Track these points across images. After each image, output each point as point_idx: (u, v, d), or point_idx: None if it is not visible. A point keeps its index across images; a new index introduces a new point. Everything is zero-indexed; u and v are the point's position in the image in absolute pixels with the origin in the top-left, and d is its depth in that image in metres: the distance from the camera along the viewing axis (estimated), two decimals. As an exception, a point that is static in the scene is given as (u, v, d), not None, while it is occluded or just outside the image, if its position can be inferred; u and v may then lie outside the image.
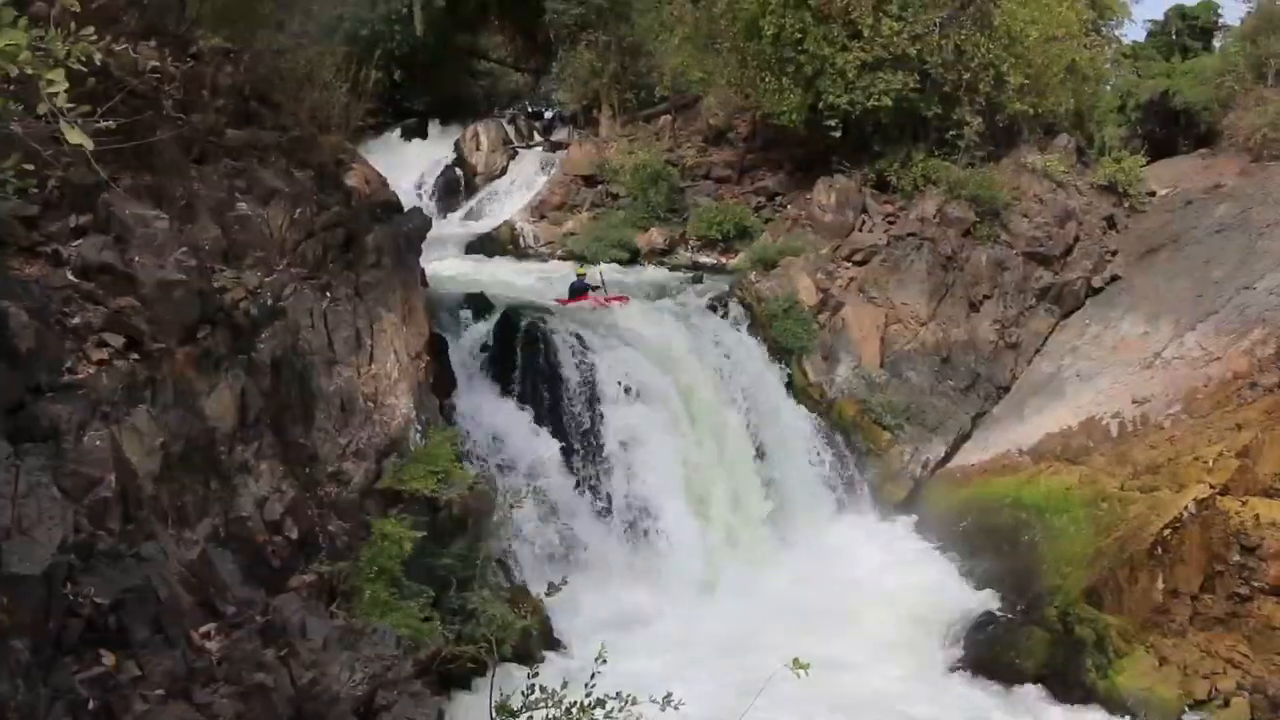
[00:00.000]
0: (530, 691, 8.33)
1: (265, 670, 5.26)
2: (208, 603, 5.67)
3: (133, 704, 4.76)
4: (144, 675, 4.93)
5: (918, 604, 20.07)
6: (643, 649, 16.83)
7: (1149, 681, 17.63)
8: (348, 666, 5.98)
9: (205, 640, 5.43)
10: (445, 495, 16.55)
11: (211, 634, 5.47)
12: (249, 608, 5.81)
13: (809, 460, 23.13)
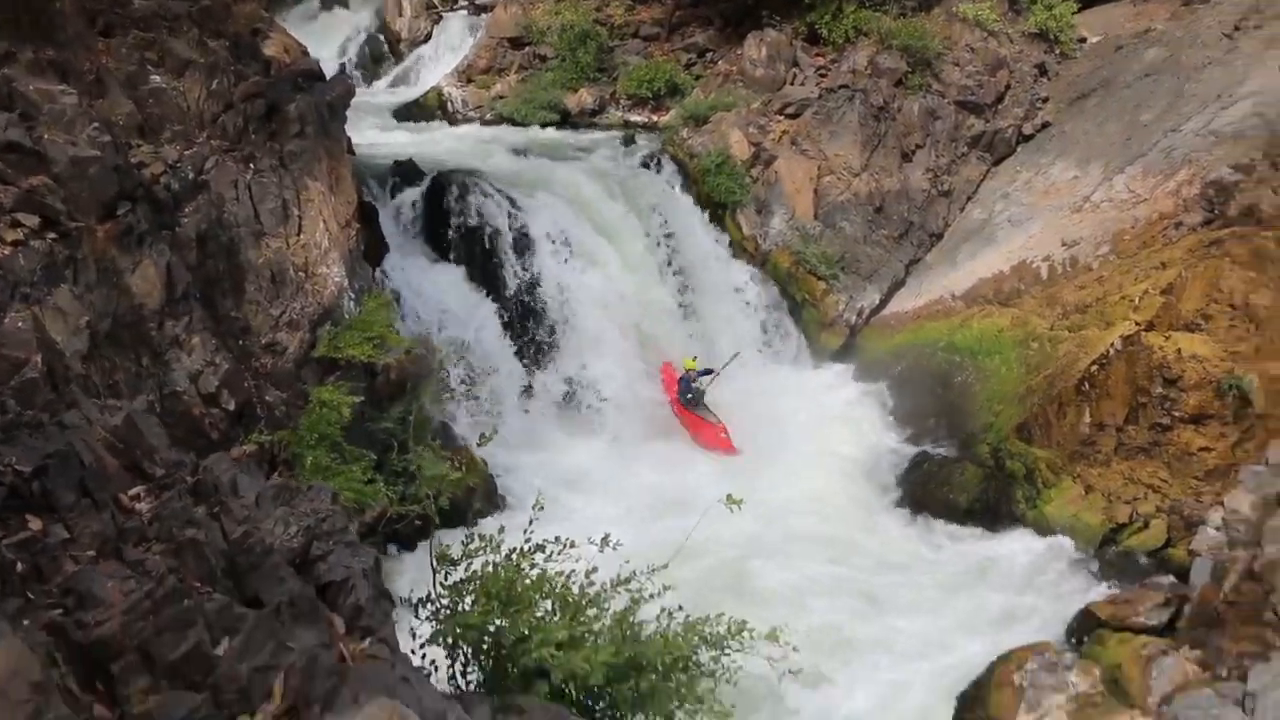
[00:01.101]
0: (469, 540, 8.54)
1: (196, 526, 5.36)
2: (136, 466, 5.73)
3: (63, 565, 4.85)
4: (73, 538, 5.01)
5: (855, 447, 20.65)
6: (583, 502, 17.24)
7: (1075, 509, 18.42)
8: (282, 521, 6.10)
9: (135, 502, 5.50)
10: (382, 361, 16.63)
11: (141, 496, 5.55)
12: (178, 469, 5.88)
13: (744, 312, 23.36)
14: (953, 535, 18.57)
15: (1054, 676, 14.30)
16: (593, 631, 7.85)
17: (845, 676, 14.88)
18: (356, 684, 5.26)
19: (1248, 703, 12.98)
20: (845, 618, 15.89)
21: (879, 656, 15.34)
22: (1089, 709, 13.86)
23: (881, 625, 15.95)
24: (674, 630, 8.02)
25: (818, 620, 15.25)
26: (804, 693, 14.16)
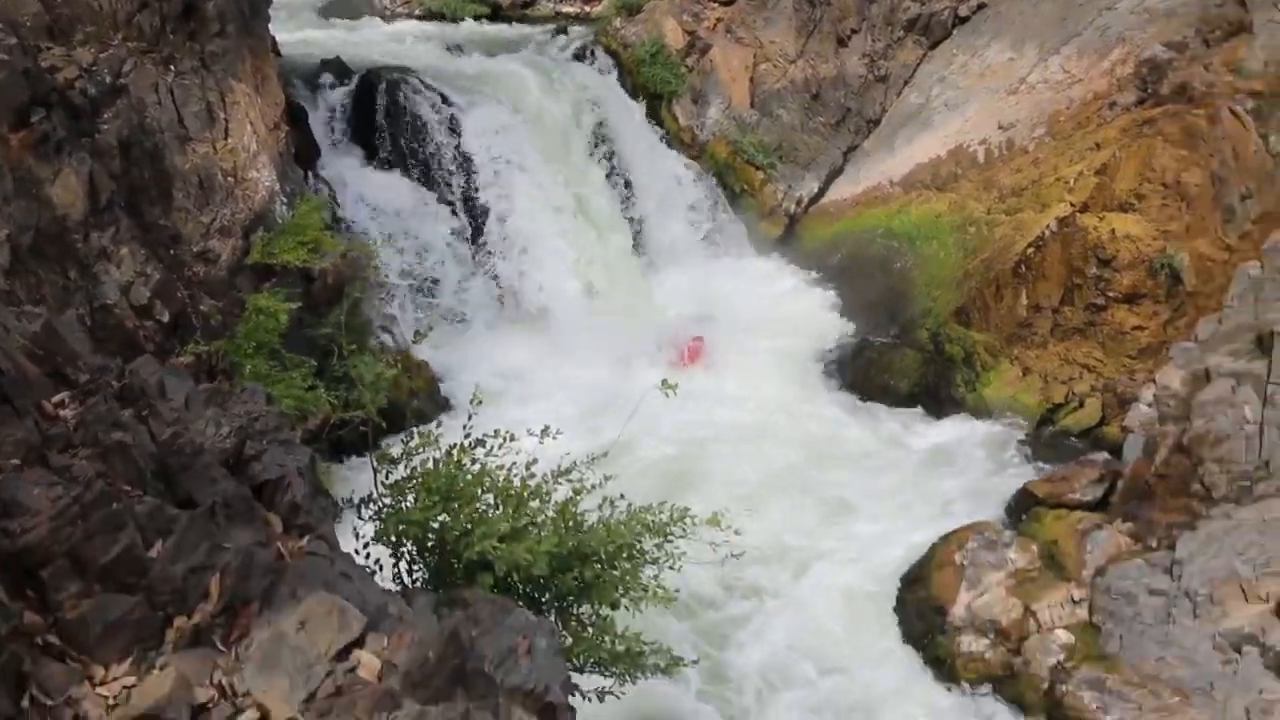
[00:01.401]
0: (409, 438, 8.54)
1: (123, 430, 5.28)
2: (58, 373, 5.62)
3: (-15, 475, 4.77)
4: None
5: (797, 335, 20.78)
6: (526, 399, 17.24)
7: (1013, 391, 18.76)
8: (213, 422, 6.03)
9: (59, 409, 5.40)
10: (318, 265, 16.39)
11: (65, 402, 5.44)
12: (103, 375, 5.77)
13: (683, 204, 23.23)
14: (895, 420, 18.81)
15: (993, 554, 14.68)
16: (535, 524, 7.91)
17: (789, 561, 15.17)
18: (295, 580, 5.26)
19: (1175, 570, 13.44)
20: (789, 504, 16.15)
21: (823, 542, 15.63)
22: (1027, 584, 14.28)
23: (824, 512, 16.25)
24: (616, 519, 8.10)
25: (762, 507, 15.46)
26: (749, 578, 14.48)
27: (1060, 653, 13.49)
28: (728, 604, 14.36)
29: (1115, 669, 13.10)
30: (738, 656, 13.88)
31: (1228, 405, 14.56)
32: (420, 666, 4.64)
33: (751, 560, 14.42)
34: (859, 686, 13.66)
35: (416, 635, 4.80)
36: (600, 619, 8.11)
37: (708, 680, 13.34)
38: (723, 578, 13.97)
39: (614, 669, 8.16)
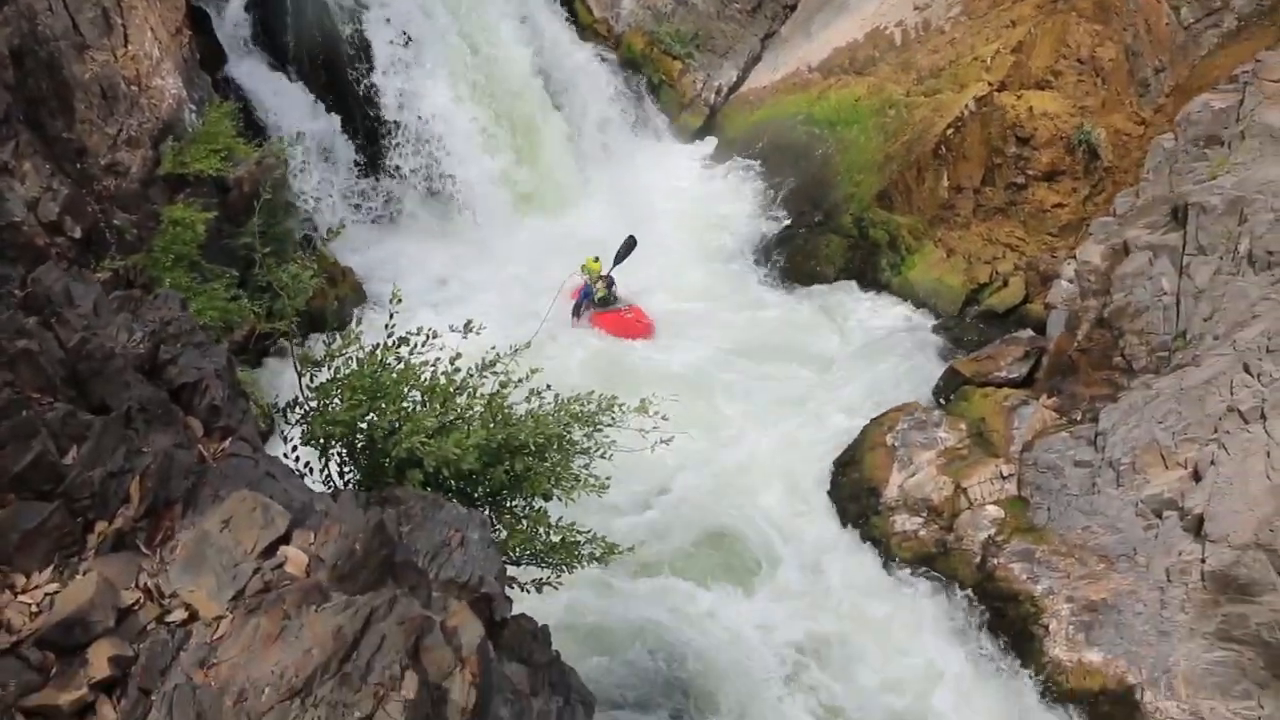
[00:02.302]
0: (331, 340, 8.41)
1: (28, 337, 5.12)
2: (-44, 283, 5.44)
3: (-112, 389, 4.62)
4: (-108, 360, 4.77)
5: (722, 225, 20.73)
6: (453, 299, 17.08)
7: (938, 273, 18.93)
8: (125, 328, 5.88)
9: (-39, 321, 5.23)
10: (233, 174, 15.96)
11: (-34, 314, 5.27)
12: (5, 283, 5.59)
13: (602, 97, 22.85)
14: (822, 306, 18.92)
15: (923, 434, 14.92)
16: (464, 419, 7.86)
17: (721, 448, 15.29)
18: (217, 481, 5.19)
19: (1099, 441, 13.75)
20: (722, 393, 16.24)
21: (756, 430, 15.77)
22: (956, 461, 14.54)
23: (757, 399, 16.36)
24: (544, 411, 8.08)
25: (695, 397, 15.52)
26: (681, 467, 14.59)
27: (990, 527, 13.79)
28: (662, 491, 14.46)
29: (1044, 540, 13.45)
30: (679, 539, 14.04)
31: (1145, 278, 14.82)
32: (347, 559, 4.61)
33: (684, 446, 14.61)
34: (800, 569, 13.91)
35: (343, 529, 4.75)
36: (534, 511, 8.14)
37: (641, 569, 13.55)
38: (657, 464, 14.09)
39: (550, 560, 8.21)
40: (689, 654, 12.32)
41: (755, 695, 12.09)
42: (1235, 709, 11.91)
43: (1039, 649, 12.70)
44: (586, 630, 12.44)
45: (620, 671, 12.13)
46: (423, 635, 4.10)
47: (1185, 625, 12.24)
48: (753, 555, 13.94)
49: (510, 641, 7.23)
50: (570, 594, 12.42)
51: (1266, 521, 12.03)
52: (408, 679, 3.85)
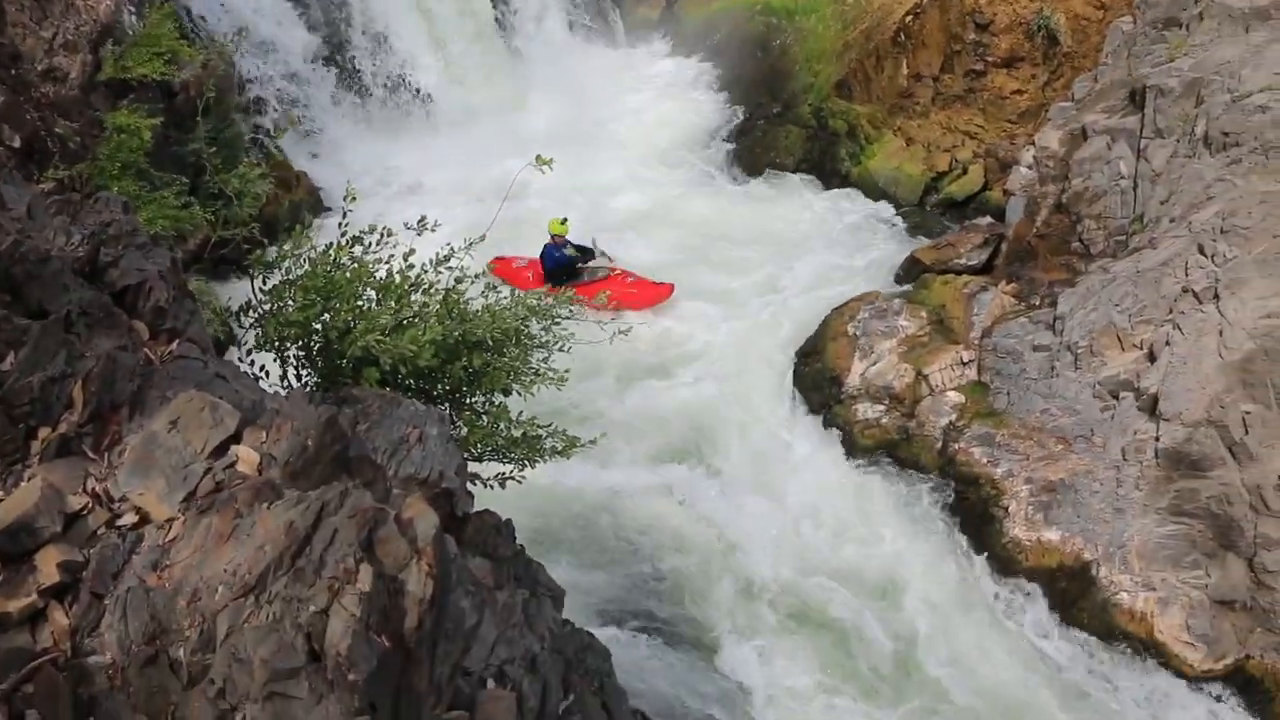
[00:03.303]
0: (285, 241, 8.25)
1: (-42, 240, 4.98)
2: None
3: None
4: None
5: (679, 119, 20.54)
6: (406, 199, 16.87)
7: (897, 161, 18.85)
8: (62, 231, 5.73)
9: (-112, 226, 5.07)
10: (178, 77, 15.54)
11: (-106, 219, 5.11)
12: (-67, 188, 5.42)
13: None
14: (782, 197, 18.82)
15: (884, 322, 14.97)
16: (421, 316, 7.78)
17: (685, 338, 15.30)
18: (164, 383, 5.10)
19: (1057, 325, 13.85)
20: (683, 280, 16.17)
21: (716, 320, 15.77)
22: (918, 349, 14.61)
23: (717, 289, 16.32)
24: (501, 305, 8.01)
25: (647, 265, 15.45)
26: (643, 357, 14.61)
27: (951, 413, 13.93)
28: (627, 381, 14.48)
29: (1003, 424, 13.60)
30: (643, 429, 14.10)
31: (1103, 162, 14.81)
32: (300, 455, 4.56)
33: (645, 335, 14.62)
34: (764, 459, 14.02)
35: (295, 425, 4.70)
36: (494, 406, 8.11)
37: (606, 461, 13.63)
38: (618, 356, 14.10)
39: (512, 454, 8.20)
40: (655, 544, 12.46)
41: (720, 581, 12.26)
42: (1185, 579, 12.23)
43: (999, 530, 12.92)
44: (555, 525, 12.54)
45: (589, 563, 12.26)
46: (376, 527, 4.07)
47: (1139, 502, 12.49)
48: (716, 445, 14.01)
49: (474, 537, 7.25)
50: (536, 489, 12.54)
51: (1218, 398, 12.22)
52: (362, 571, 3.84)
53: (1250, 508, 12.11)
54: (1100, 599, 12.45)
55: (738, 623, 11.96)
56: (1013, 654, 12.17)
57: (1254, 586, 12.12)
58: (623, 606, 12.04)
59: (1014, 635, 12.32)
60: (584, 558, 12.30)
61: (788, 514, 13.28)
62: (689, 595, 12.13)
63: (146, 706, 3.86)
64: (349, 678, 3.69)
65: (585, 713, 6.48)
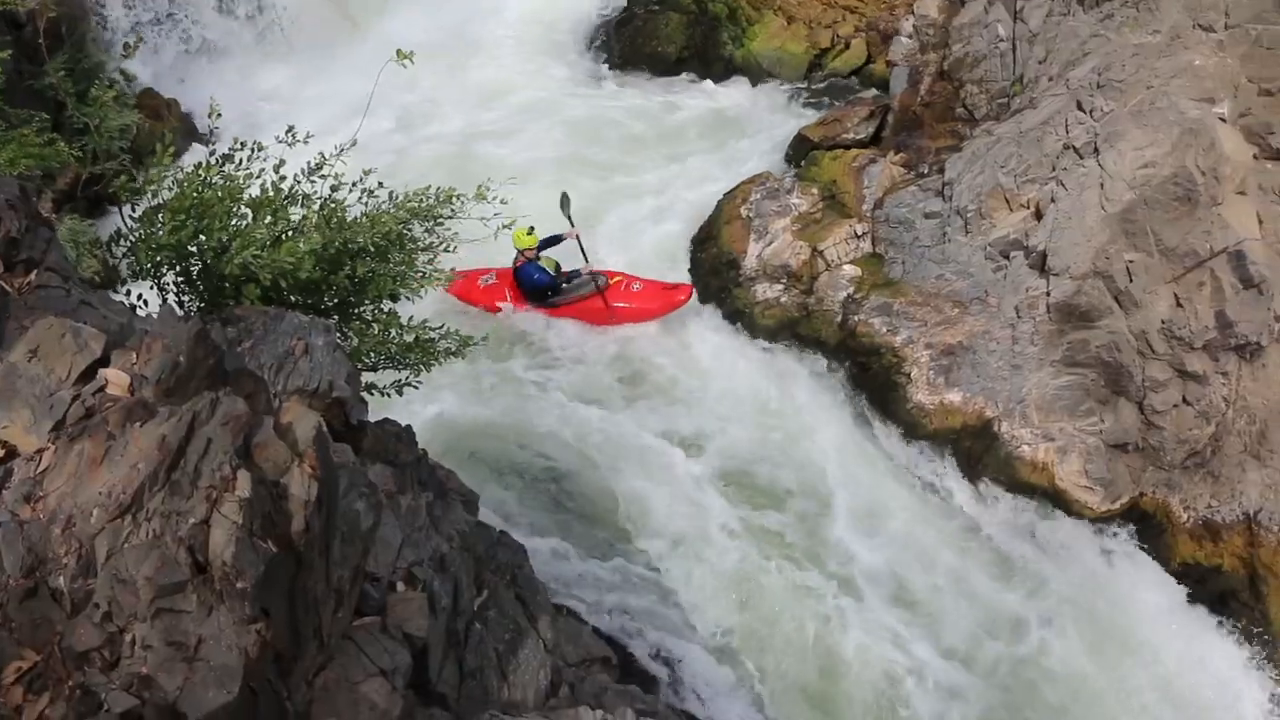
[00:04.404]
0: (154, 165, 7.95)
1: None
2: None
3: None
4: None
5: (556, 15, 20.05)
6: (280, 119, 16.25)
7: (780, 41, 18.71)
8: (-103, 170, 5.45)
9: None
10: (23, 6, 14.77)
11: None
12: None
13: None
14: (666, 86, 18.60)
15: (776, 202, 14.97)
16: (300, 230, 7.59)
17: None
18: (22, 314, 4.91)
19: (946, 191, 13.98)
20: (571, 176, 15.91)
21: (608, 214, 15.60)
22: (812, 226, 14.66)
23: (608, 181, 16.10)
24: (381, 210, 7.84)
25: (546, 181, 15.19)
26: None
27: (849, 286, 14.06)
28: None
29: (900, 293, 13.77)
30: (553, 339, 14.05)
31: (982, 26, 14.86)
32: (172, 371, 4.42)
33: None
34: (666, 351, 14.05)
35: (165, 343, 4.55)
36: (384, 314, 7.99)
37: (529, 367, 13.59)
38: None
39: (408, 360, 8.12)
40: (562, 447, 12.50)
41: (631, 476, 12.36)
42: (1081, 426, 12.65)
43: (903, 396, 13.19)
44: (461, 432, 12.50)
45: (497, 465, 12.27)
46: (252, 433, 3.99)
47: (1035, 357, 12.81)
48: (622, 343, 13.99)
49: (374, 445, 7.21)
50: (440, 396, 12.49)
51: (1102, 250, 12.51)
52: (240, 478, 3.76)
53: (1138, 353, 12.50)
54: (1003, 454, 12.82)
55: (654, 514, 12.11)
56: (924, 513, 12.54)
57: (1144, 428, 12.56)
58: (540, 509, 12.10)
59: (924, 495, 12.68)
60: (491, 462, 12.31)
61: (692, 405, 13.36)
62: (596, 494, 12.24)
63: (31, 639, 3.78)
64: (237, 586, 3.64)
65: (500, 606, 6.53)
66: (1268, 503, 12.55)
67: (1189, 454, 12.62)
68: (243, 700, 3.64)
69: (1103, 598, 12.25)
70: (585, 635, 8.82)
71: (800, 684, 10.79)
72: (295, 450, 4.05)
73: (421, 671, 5.81)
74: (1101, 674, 11.48)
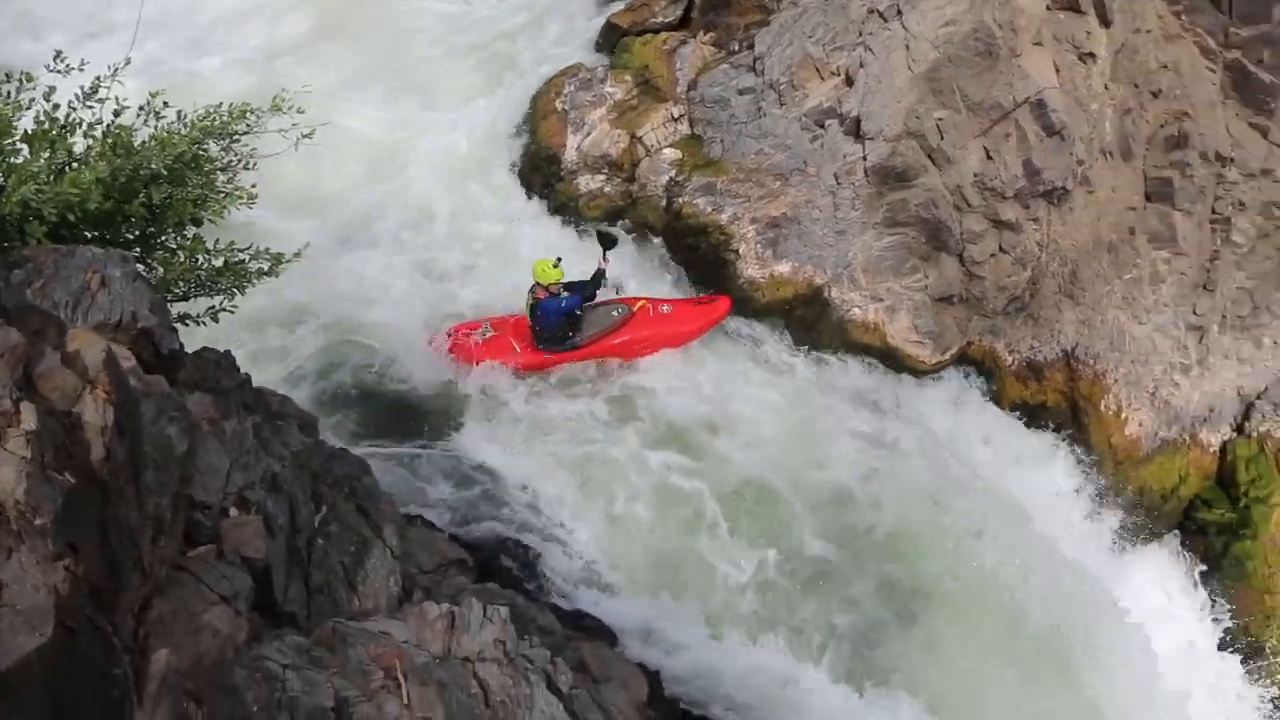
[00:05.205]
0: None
1: None
2: None
3: None
4: None
5: None
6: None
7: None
8: None
9: None
10: None
11: None
12: None
13: None
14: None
15: (590, 93, 14.79)
16: (85, 161, 7.16)
17: (390, 149, 14.70)
18: None
19: (758, 66, 14.04)
20: (374, 94, 15.33)
21: (420, 126, 15.12)
22: (628, 113, 14.55)
23: (413, 96, 15.48)
24: (171, 131, 7.44)
25: (341, 99, 14.61)
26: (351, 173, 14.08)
27: (671, 170, 14.04)
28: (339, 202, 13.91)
29: (721, 171, 13.82)
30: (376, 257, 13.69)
31: (779, -103, 14.79)
32: (-57, 314, 4.18)
33: (350, 152, 14.05)
34: (495, 251, 13.89)
35: (-67, 286, 4.28)
36: (188, 240, 7.64)
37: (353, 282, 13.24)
38: (325, 175, 13.52)
39: (220, 285, 7.81)
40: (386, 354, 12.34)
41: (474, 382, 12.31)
42: (906, 284, 13.02)
43: (734, 273, 13.34)
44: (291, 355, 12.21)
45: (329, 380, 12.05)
46: (33, 364, 3.79)
47: (858, 221, 13.08)
48: (443, 242, 13.73)
49: (193, 375, 6.96)
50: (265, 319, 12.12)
51: (912, 110, 12.78)
52: (24, 410, 3.57)
53: (954, 207, 12.88)
54: (835, 318, 13.14)
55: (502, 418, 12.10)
56: (766, 383, 12.75)
57: (966, 279, 13.01)
58: (385, 425, 11.95)
59: (764, 366, 12.89)
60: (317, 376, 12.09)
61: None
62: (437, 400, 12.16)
63: None
64: (35, 523, 3.48)
65: (342, 519, 6.43)
66: (1083, 338, 13.23)
67: (1009, 300, 13.14)
68: (60, 640, 3.50)
69: (943, 445, 12.77)
70: (440, 541, 8.80)
71: (653, 565, 11.03)
72: (85, 378, 3.86)
73: (267, 593, 5.72)
74: (947, 514, 11.99)
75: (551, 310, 12.02)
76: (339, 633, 4.86)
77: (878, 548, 11.72)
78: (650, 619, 10.28)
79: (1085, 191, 13.03)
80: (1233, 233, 13.44)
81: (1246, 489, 13.58)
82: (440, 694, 4.67)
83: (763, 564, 11.30)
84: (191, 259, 7.56)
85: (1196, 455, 13.89)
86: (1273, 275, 13.67)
